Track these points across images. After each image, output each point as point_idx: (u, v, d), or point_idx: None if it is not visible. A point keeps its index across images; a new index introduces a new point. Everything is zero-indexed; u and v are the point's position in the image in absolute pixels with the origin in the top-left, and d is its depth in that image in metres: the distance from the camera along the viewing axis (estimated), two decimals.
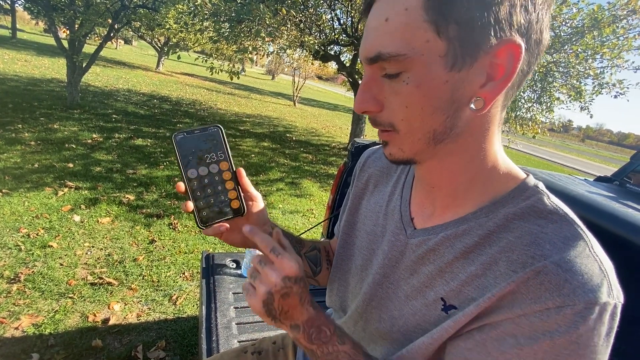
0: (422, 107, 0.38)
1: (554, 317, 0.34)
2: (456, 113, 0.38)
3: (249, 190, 0.54)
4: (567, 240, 0.37)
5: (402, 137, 0.41)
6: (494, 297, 0.38)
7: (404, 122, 0.40)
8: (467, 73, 0.36)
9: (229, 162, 0.51)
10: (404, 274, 0.49)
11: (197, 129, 0.50)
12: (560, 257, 0.36)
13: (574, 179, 1.65)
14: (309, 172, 4.95)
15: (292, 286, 0.43)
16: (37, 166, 3.19)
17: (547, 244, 0.38)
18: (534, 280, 0.36)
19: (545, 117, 5.55)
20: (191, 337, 1.71)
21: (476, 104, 0.37)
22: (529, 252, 0.38)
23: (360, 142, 1.56)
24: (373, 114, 0.42)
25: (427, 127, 0.39)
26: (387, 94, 0.40)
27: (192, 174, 0.49)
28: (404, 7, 0.35)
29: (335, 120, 12.40)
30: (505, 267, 0.39)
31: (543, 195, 0.42)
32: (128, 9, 5.25)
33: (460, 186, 0.45)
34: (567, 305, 0.34)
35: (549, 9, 0.37)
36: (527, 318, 0.36)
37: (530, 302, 0.36)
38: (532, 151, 17.78)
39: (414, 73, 0.37)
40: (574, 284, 0.34)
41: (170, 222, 2.72)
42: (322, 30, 5.13)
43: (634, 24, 4.10)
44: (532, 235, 0.39)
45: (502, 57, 0.35)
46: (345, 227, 0.64)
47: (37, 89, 6.41)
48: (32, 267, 1.93)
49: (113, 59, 15.61)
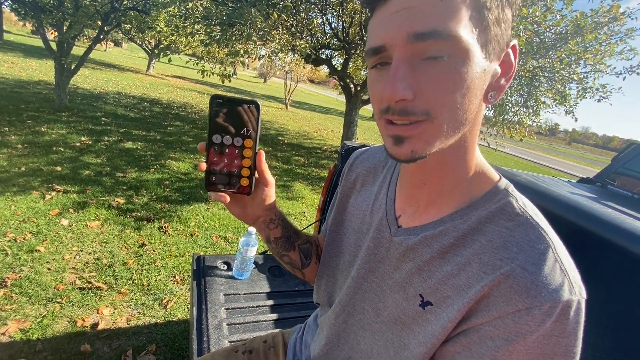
0: (466, 93, 0.38)
1: (524, 317, 0.37)
2: (480, 103, 0.41)
3: (264, 174, 0.54)
4: (532, 243, 0.40)
5: (435, 127, 0.39)
6: (472, 301, 0.40)
7: (444, 109, 0.38)
8: (494, 65, 0.40)
9: (254, 142, 0.51)
10: (388, 269, 0.51)
11: (237, 99, 0.50)
12: (526, 261, 0.39)
13: (557, 180, 1.70)
14: (301, 175, 4.96)
15: None
16: (24, 169, 3.14)
17: (514, 247, 0.40)
18: (504, 284, 0.39)
19: (532, 120, 5.67)
20: (182, 341, 1.70)
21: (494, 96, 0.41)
22: (498, 254, 0.41)
23: (351, 144, 1.58)
24: (405, 103, 0.38)
25: (465, 115, 0.39)
26: (426, 79, 0.37)
27: (216, 139, 0.50)
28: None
29: (327, 123, 12.44)
30: (477, 269, 0.42)
31: (512, 198, 0.44)
32: (118, 11, 5.21)
33: (447, 184, 0.46)
34: (535, 307, 0.37)
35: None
36: (502, 320, 0.38)
37: (503, 304, 0.38)
38: (520, 154, 18.10)
39: (461, 58, 0.36)
40: (539, 285, 0.37)
41: (161, 226, 2.70)
42: (314, 35, 5.17)
43: (615, 30, 4.24)
44: (501, 238, 0.42)
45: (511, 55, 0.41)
46: (333, 225, 0.66)
47: (24, 91, 6.29)
48: (19, 272, 1.90)
49: (102, 61, 15.42)
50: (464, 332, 0.42)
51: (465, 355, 0.41)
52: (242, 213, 0.57)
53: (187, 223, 2.83)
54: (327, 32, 5.40)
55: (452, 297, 0.42)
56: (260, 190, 0.56)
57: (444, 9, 0.35)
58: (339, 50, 5.65)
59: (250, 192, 0.54)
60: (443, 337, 0.43)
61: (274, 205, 0.60)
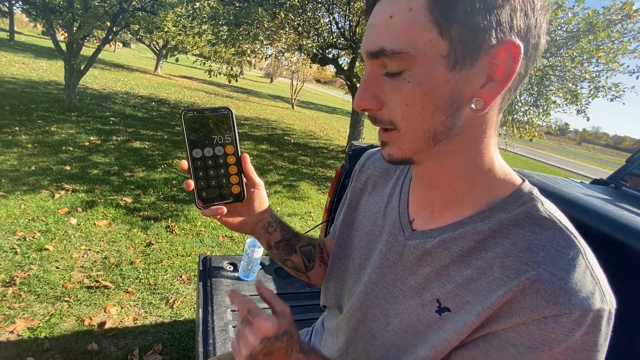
0: (423, 105, 0.38)
1: (551, 325, 0.35)
2: (456, 113, 0.39)
3: (252, 177, 0.54)
4: (561, 248, 0.38)
5: (402, 136, 0.41)
6: (493, 307, 0.38)
7: (404, 121, 0.40)
8: (468, 73, 0.37)
9: (235, 147, 0.51)
10: (401, 274, 0.50)
11: (208, 109, 0.50)
12: (555, 266, 0.37)
13: (570, 181, 1.66)
14: (307, 175, 4.95)
15: (272, 344, 0.44)
16: (34, 169, 3.18)
17: (540, 251, 0.38)
18: (530, 289, 0.36)
19: (542, 120, 5.58)
20: (188, 341, 1.70)
21: (476, 104, 0.38)
22: (522, 258, 0.38)
23: (358, 144, 1.56)
24: (373, 112, 0.42)
25: (427, 125, 0.40)
26: (388, 92, 0.40)
27: (196, 154, 0.49)
28: (408, 7, 0.36)
29: (333, 123, 12.42)
30: (499, 273, 0.39)
31: (537, 201, 0.42)
32: (127, 12, 5.25)
33: (459, 187, 0.45)
34: (564, 314, 0.35)
35: (547, 15, 0.39)
36: (526, 327, 0.36)
37: (528, 310, 0.36)
38: (529, 154, 17.87)
39: (416, 72, 0.37)
40: (569, 292, 0.35)
41: (168, 225, 2.71)
42: (320, 34, 5.16)
43: (628, 28, 4.15)
44: (526, 242, 0.39)
45: (502, 58, 0.36)
46: (343, 227, 0.64)
47: (34, 91, 6.39)
48: (28, 270, 1.92)
49: (111, 61, 15.60)
50: (482, 337, 0.39)
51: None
52: (240, 223, 0.57)
53: (194, 222, 2.84)
54: (333, 32, 5.39)
55: (472, 302, 0.40)
56: (251, 193, 0.56)
57: (393, 27, 0.36)
58: (346, 49, 5.63)
59: (244, 198, 0.53)
60: (456, 342, 0.41)
61: (269, 208, 0.60)
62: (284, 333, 0.45)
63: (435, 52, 0.36)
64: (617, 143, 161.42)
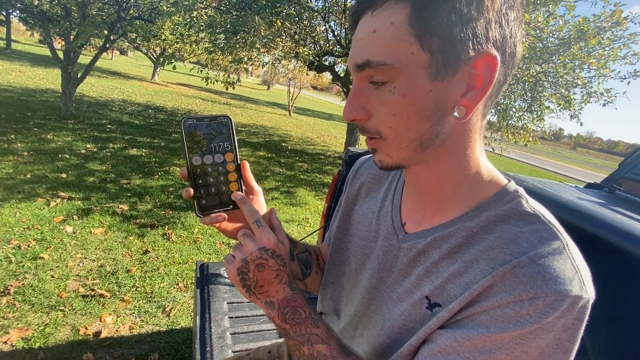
0: (408, 115, 0.40)
1: (527, 307, 0.36)
2: (440, 121, 0.41)
3: (251, 184, 0.55)
4: (544, 239, 0.39)
5: (389, 144, 0.43)
6: (474, 292, 0.39)
7: (391, 130, 0.42)
8: (449, 83, 0.39)
9: (234, 154, 0.51)
10: (398, 277, 0.51)
11: (207, 116, 0.50)
12: (535, 253, 0.38)
13: (564, 185, 1.68)
14: (304, 181, 4.95)
15: (267, 258, 0.45)
16: (30, 177, 3.16)
17: (524, 242, 0.40)
18: (510, 274, 0.38)
19: (536, 125, 5.63)
20: (185, 349, 1.68)
21: (459, 111, 0.40)
22: (507, 249, 0.40)
23: (355, 150, 1.58)
24: (361, 122, 0.44)
25: (413, 134, 0.41)
26: (375, 103, 0.42)
27: (196, 161, 0.49)
28: (390, 21, 0.38)
29: (330, 129, 12.47)
30: (485, 265, 0.41)
31: (522, 199, 0.44)
32: (124, 20, 5.28)
33: (448, 191, 0.47)
34: (540, 297, 0.36)
35: (522, 25, 0.41)
36: (500, 309, 0.37)
37: (505, 294, 0.37)
38: (525, 159, 18.00)
39: (400, 83, 0.39)
40: (547, 276, 0.36)
41: (165, 233, 2.70)
42: (317, 42, 5.21)
43: (618, 35, 4.22)
44: (511, 235, 0.41)
45: (480, 68, 0.38)
46: (338, 233, 0.65)
47: (30, 99, 6.38)
48: (23, 280, 1.90)
49: (108, 69, 15.63)
50: (457, 322, 0.41)
51: (447, 337, 0.40)
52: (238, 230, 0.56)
53: (191, 230, 2.83)
54: (330, 39, 5.44)
55: (458, 295, 0.42)
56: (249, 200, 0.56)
57: (377, 40, 0.38)
58: (342, 57, 5.68)
59: None
60: (436, 327, 0.42)
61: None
62: (280, 256, 0.46)
63: (417, 64, 0.38)
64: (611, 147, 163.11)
